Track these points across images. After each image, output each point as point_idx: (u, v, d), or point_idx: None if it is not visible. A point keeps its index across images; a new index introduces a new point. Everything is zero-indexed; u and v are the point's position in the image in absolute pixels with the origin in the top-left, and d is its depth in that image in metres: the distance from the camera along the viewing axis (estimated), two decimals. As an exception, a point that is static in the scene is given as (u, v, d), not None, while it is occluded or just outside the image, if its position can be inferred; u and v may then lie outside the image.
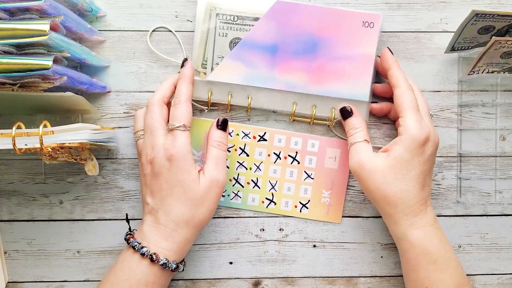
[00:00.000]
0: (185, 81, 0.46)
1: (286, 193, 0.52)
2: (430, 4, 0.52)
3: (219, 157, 0.45)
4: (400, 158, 0.43)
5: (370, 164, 0.44)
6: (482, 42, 0.49)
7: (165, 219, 0.44)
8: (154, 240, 0.43)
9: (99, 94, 0.51)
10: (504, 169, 0.52)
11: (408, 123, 0.44)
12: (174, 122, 0.44)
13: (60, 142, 0.41)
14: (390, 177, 0.43)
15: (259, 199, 0.52)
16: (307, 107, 0.50)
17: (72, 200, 0.51)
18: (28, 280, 0.51)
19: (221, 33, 0.48)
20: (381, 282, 0.52)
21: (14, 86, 0.40)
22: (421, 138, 0.43)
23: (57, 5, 0.40)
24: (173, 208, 0.44)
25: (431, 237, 0.44)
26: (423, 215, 0.44)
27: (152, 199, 0.44)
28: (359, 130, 0.47)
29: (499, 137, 0.52)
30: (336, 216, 0.52)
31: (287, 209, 0.52)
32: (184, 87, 0.46)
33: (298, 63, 0.48)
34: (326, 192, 0.52)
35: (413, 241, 0.44)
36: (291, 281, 0.52)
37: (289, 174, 0.52)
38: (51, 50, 0.40)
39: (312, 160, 0.51)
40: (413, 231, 0.44)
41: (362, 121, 0.48)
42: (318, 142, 0.51)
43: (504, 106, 0.52)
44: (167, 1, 0.51)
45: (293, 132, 0.51)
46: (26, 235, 0.51)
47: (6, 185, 0.51)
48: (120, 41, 0.51)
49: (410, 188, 0.43)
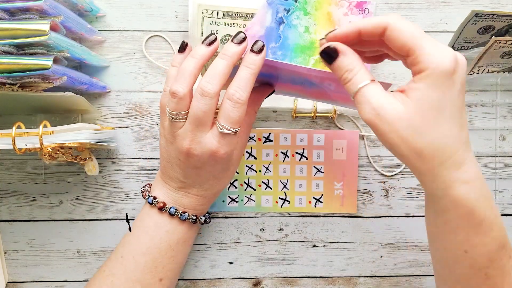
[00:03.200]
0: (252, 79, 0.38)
1: (299, 190, 0.52)
2: (430, 4, 0.52)
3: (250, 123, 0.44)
4: (427, 98, 0.32)
5: (389, 112, 0.33)
6: (482, 42, 0.49)
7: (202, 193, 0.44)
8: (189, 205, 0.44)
9: (99, 94, 0.51)
10: (504, 169, 0.52)
11: (428, 52, 0.32)
12: (229, 124, 0.38)
13: (60, 142, 0.41)
14: (418, 123, 0.33)
15: (272, 199, 0.52)
16: (308, 103, 0.50)
17: (72, 200, 0.51)
18: (28, 280, 0.51)
19: (211, 30, 0.47)
20: (381, 282, 0.52)
21: (14, 86, 0.40)
22: (450, 67, 0.32)
23: (57, 5, 0.40)
24: (211, 187, 0.44)
25: (478, 194, 0.34)
26: (468, 166, 0.34)
27: (187, 179, 0.42)
28: (357, 70, 0.34)
29: (499, 137, 0.52)
30: (351, 207, 0.52)
31: (301, 206, 0.52)
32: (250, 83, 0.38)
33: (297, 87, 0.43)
34: (338, 184, 0.52)
35: (457, 199, 0.34)
36: (291, 281, 0.52)
37: (299, 171, 0.52)
38: (51, 50, 0.40)
39: (320, 154, 0.51)
40: (459, 187, 0.34)
41: (356, 58, 0.35)
42: (323, 136, 0.51)
43: (504, 106, 0.52)
44: (167, 1, 0.51)
45: (297, 129, 0.51)
46: (26, 235, 0.51)
47: (6, 185, 0.51)
48: (120, 41, 0.51)
49: (447, 133, 0.33)
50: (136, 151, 0.51)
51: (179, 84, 0.38)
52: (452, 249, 0.37)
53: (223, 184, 0.45)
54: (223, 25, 0.47)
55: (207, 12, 0.44)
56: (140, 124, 0.51)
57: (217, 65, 0.38)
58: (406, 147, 0.33)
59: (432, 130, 0.33)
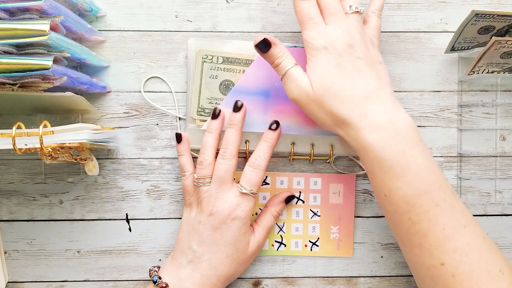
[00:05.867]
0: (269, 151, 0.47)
1: (295, 234, 0.52)
2: (430, 4, 0.52)
3: (270, 226, 0.49)
4: (326, 62, 0.41)
5: (309, 89, 0.41)
6: (482, 42, 0.49)
7: (208, 272, 0.45)
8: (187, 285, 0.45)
9: (99, 94, 0.51)
10: (504, 169, 0.52)
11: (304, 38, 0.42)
12: (248, 186, 0.46)
13: (60, 142, 0.41)
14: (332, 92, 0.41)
15: (268, 243, 0.52)
16: (305, 146, 0.50)
17: (72, 200, 0.51)
18: (28, 280, 0.51)
19: (211, 75, 0.48)
20: (381, 282, 0.52)
21: (14, 86, 0.40)
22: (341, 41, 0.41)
23: (57, 5, 0.40)
24: (221, 265, 0.45)
25: (385, 141, 0.40)
26: (376, 116, 0.40)
27: (200, 248, 0.45)
28: (285, 56, 0.43)
29: (499, 137, 0.52)
30: (347, 250, 0.52)
31: (297, 249, 0.52)
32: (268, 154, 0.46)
33: (291, 105, 0.48)
34: (334, 228, 0.52)
35: (364, 146, 0.40)
36: (291, 281, 0.52)
37: (295, 214, 0.52)
38: (51, 50, 0.40)
39: (317, 198, 0.51)
40: (365, 136, 0.40)
41: (284, 48, 0.44)
42: (320, 179, 0.51)
43: (504, 106, 0.52)
44: (167, 1, 0.51)
45: (294, 172, 0.51)
46: (26, 235, 0.51)
47: (6, 185, 0.51)
48: (120, 41, 0.51)
49: (357, 86, 0.41)
50: (136, 151, 0.51)
51: (204, 155, 0.46)
52: (376, 194, 0.42)
53: (233, 268, 0.46)
54: (222, 70, 0.48)
55: (207, 57, 0.45)
56: (140, 124, 0.51)
57: (229, 133, 0.46)
58: (323, 111, 0.41)
59: (343, 90, 0.40)
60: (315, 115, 0.43)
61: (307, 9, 0.42)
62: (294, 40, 0.51)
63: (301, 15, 0.42)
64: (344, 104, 0.41)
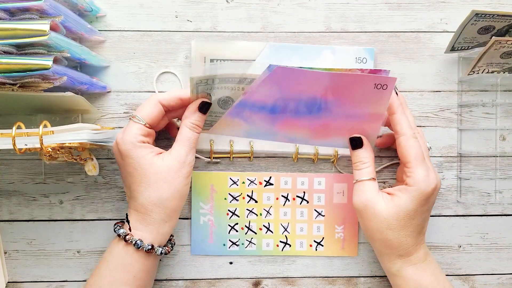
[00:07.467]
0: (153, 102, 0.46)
1: (300, 234, 0.52)
2: (430, 4, 0.52)
3: (191, 139, 0.45)
4: (405, 207, 0.43)
5: (375, 207, 0.44)
6: (482, 42, 0.49)
7: (135, 205, 0.45)
8: (133, 224, 0.45)
9: (99, 94, 0.51)
10: (504, 169, 0.52)
11: (417, 176, 0.43)
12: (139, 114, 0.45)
13: (60, 142, 0.41)
14: (393, 223, 0.44)
15: (273, 243, 0.52)
16: (309, 146, 0.51)
17: (72, 200, 0.51)
18: (28, 280, 0.51)
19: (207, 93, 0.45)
20: (381, 282, 0.52)
21: (14, 86, 0.40)
22: (429, 192, 0.44)
23: (57, 5, 0.40)
24: (138, 194, 0.44)
25: (423, 271, 0.45)
26: (416, 254, 0.45)
27: (125, 188, 0.46)
28: (367, 166, 0.45)
29: (499, 137, 0.52)
30: (352, 250, 0.52)
31: (302, 249, 0.52)
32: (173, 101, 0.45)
33: (300, 121, 0.46)
34: (338, 228, 0.52)
35: (406, 276, 0.45)
36: (291, 281, 0.52)
37: (300, 214, 0.52)
38: (51, 50, 0.40)
39: (321, 198, 0.52)
40: (406, 268, 0.45)
41: (371, 155, 0.46)
42: (324, 179, 0.51)
43: (504, 106, 0.52)
44: (167, 1, 0.51)
45: (298, 173, 0.51)
46: (26, 235, 0.51)
47: (6, 185, 0.51)
48: (120, 41, 0.51)
49: (410, 233, 0.44)
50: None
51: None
52: None
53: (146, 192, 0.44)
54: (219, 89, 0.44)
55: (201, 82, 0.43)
56: (140, 124, 0.51)
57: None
58: (379, 235, 0.44)
59: (401, 229, 0.44)
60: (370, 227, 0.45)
61: None
62: (294, 40, 0.51)
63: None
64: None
